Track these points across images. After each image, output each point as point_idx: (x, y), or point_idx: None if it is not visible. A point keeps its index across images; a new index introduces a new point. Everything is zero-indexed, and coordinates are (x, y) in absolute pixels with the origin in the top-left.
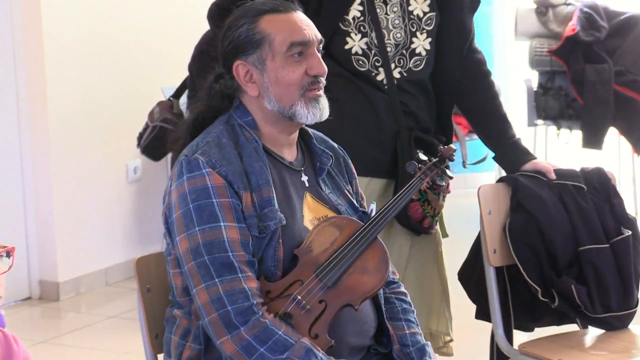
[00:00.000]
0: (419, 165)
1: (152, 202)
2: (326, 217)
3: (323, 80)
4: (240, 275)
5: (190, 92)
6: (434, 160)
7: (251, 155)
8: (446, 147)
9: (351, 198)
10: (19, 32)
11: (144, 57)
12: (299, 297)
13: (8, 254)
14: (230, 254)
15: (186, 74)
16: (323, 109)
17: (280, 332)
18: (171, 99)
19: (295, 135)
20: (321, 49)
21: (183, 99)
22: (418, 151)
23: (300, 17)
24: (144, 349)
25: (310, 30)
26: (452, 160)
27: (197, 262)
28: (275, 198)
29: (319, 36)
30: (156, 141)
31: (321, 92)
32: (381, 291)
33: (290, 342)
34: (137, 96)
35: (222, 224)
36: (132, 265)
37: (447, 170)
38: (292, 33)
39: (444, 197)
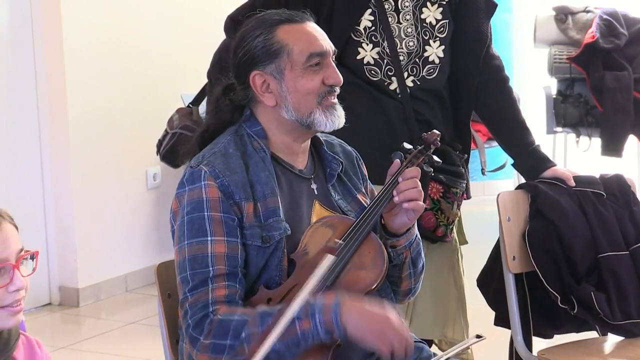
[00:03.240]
0: (405, 155)
1: None
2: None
3: (338, 89)
4: (210, 286)
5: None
6: (419, 147)
7: (258, 165)
8: (429, 132)
9: (363, 201)
10: (39, 42)
11: (163, 64)
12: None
13: (32, 257)
14: (211, 268)
15: (205, 81)
16: (340, 117)
17: (235, 317)
18: (190, 106)
19: (308, 143)
20: (334, 59)
21: (202, 106)
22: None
23: (314, 27)
24: (165, 354)
25: (326, 41)
26: (436, 145)
27: (182, 277)
28: (280, 208)
29: (333, 47)
30: (175, 148)
31: (336, 99)
32: (391, 294)
33: (245, 319)
34: (157, 103)
35: (209, 238)
36: (151, 271)
37: (434, 157)
38: (310, 44)
39: (458, 205)
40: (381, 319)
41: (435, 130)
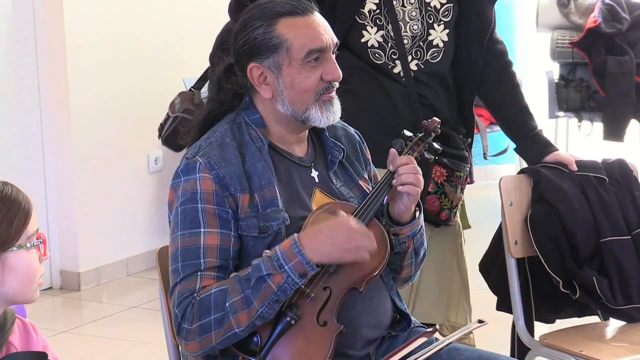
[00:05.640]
0: (406, 142)
1: None
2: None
3: (337, 84)
4: (199, 276)
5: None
6: (420, 135)
7: (254, 155)
8: (430, 120)
9: (365, 187)
10: (41, 24)
11: (165, 47)
12: (302, 287)
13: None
14: (202, 260)
15: (207, 64)
16: (336, 112)
17: (212, 290)
18: (192, 89)
19: (305, 133)
20: (335, 51)
21: (204, 90)
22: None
23: (317, 19)
24: (166, 338)
25: (328, 34)
26: (437, 133)
27: (173, 268)
28: (279, 198)
29: (335, 40)
30: (177, 132)
31: (334, 93)
32: (391, 280)
33: (224, 288)
34: (159, 87)
35: (202, 230)
36: (153, 255)
37: (435, 144)
38: (310, 40)
39: (462, 189)
40: (340, 237)
41: (435, 118)
